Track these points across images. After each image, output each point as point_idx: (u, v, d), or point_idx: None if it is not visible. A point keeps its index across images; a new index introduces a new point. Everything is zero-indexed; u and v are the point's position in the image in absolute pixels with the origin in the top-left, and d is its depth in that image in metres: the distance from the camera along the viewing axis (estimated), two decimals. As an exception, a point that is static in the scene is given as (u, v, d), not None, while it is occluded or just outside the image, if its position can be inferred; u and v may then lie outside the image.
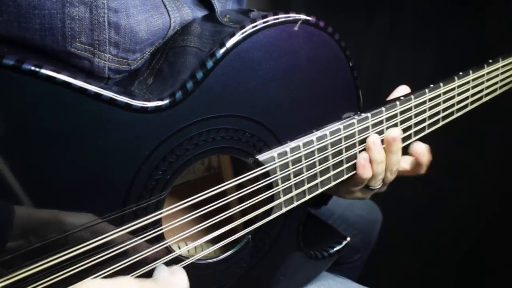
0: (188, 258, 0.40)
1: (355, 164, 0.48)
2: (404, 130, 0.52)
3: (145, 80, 0.40)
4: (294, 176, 0.44)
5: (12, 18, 0.34)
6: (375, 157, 0.48)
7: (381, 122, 0.49)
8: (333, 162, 0.46)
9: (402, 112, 0.51)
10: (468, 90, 0.57)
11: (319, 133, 0.45)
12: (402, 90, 0.53)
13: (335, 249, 0.55)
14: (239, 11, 0.47)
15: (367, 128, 0.48)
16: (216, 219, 0.40)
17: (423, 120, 0.53)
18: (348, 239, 0.56)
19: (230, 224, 0.41)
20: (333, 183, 0.47)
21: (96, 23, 0.37)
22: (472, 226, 1.14)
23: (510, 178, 1.08)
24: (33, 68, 0.30)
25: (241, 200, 0.42)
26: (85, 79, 0.33)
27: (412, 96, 0.51)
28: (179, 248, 0.43)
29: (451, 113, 0.57)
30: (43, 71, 0.30)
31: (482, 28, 1.06)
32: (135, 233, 0.36)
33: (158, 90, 0.38)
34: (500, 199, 1.11)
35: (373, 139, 0.48)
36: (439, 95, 0.54)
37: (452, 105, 0.56)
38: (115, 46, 0.38)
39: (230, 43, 0.37)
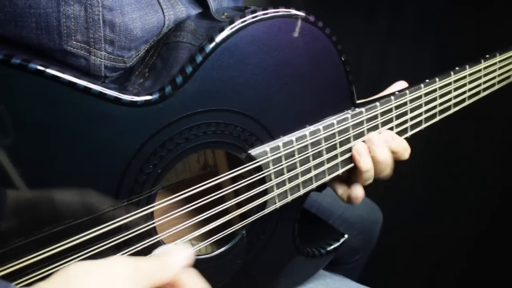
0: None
1: (350, 158, 0.48)
2: (400, 124, 0.51)
3: (139, 76, 0.41)
4: (288, 171, 0.44)
5: (8, 17, 0.35)
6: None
7: (375, 117, 0.49)
8: (327, 157, 0.46)
9: (397, 107, 0.50)
10: (465, 85, 0.57)
11: (312, 128, 0.45)
12: (400, 85, 0.53)
13: (332, 246, 0.54)
14: (236, 9, 0.47)
15: (361, 123, 0.48)
16: (208, 214, 0.40)
17: (420, 115, 0.53)
18: (346, 236, 0.55)
19: (223, 218, 0.41)
20: (328, 177, 0.47)
21: (91, 21, 0.37)
22: (472, 226, 1.13)
23: (510, 177, 1.07)
24: (21, 62, 0.30)
25: (236, 196, 0.42)
26: (75, 74, 0.33)
27: (407, 91, 0.51)
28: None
29: (448, 108, 0.56)
30: (32, 65, 0.31)
31: (481, 28, 1.06)
32: (127, 227, 0.36)
33: (150, 85, 0.38)
34: (500, 198, 1.10)
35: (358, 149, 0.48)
36: (435, 90, 0.53)
37: (449, 100, 0.56)
38: (110, 44, 0.39)
39: (219, 37, 0.38)
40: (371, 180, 0.50)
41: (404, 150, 0.50)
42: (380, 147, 0.48)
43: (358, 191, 0.50)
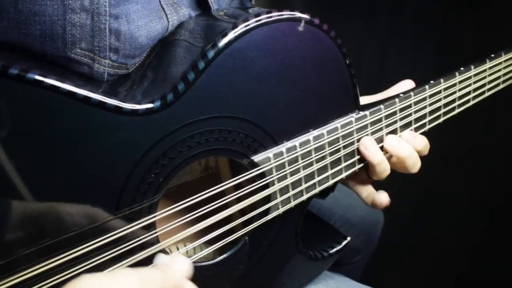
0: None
1: (354, 162, 0.48)
2: (404, 127, 0.51)
3: (136, 76, 0.40)
4: (291, 176, 0.43)
5: (12, 24, 0.34)
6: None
7: (380, 120, 0.48)
8: (331, 161, 0.46)
9: (401, 110, 0.50)
10: (469, 85, 0.56)
11: (316, 133, 0.44)
12: (405, 84, 0.52)
13: (335, 249, 0.54)
14: (236, 7, 0.46)
15: (365, 127, 0.47)
16: (211, 221, 0.39)
17: (424, 117, 0.52)
18: (349, 238, 0.55)
19: (226, 226, 0.40)
20: (331, 182, 0.46)
21: (97, 30, 0.36)
22: (474, 226, 1.13)
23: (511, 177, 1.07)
24: (19, 72, 0.30)
25: (239, 201, 0.42)
26: (75, 82, 0.32)
27: (412, 93, 0.50)
28: (178, 250, 0.42)
29: (453, 109, 0.56)
30: (30, 75, 0.30)
31: (482, 27, 1.05)
32: (129, 236, 0.36)
33: (148, 87, 0.38)
34: (501, 200, 1.10)
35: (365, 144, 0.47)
36: (439, 92, 0.53)
37: (453, 101, 0.55)
38: (115, 52, 0.38)
39: (222, 43, 0.37)
40: (387, 172, 0.49)
41: (425, 147, 0.51)
42: (402, 143, 0.49)
43: (382, 198, 0.51)
